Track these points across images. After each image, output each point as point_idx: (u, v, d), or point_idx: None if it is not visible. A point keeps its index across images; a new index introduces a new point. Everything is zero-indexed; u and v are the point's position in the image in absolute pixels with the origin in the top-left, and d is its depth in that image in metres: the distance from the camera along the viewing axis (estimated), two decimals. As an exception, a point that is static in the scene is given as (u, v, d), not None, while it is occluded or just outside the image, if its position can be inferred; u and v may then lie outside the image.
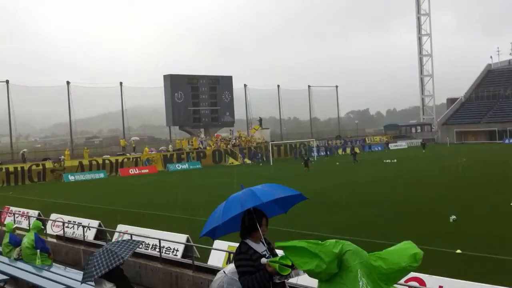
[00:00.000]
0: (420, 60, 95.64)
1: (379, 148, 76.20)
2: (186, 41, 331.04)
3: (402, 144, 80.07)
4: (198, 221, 21.11)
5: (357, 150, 57.98)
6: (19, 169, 47.34)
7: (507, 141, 74.92)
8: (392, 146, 78.39)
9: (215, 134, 66.69)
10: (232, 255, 12.68)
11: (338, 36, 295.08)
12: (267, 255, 5.06)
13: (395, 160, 50.00)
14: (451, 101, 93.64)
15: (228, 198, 5.26)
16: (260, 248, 5.10)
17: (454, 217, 18.27)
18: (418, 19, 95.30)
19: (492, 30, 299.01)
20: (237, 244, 5.32)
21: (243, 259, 5.02)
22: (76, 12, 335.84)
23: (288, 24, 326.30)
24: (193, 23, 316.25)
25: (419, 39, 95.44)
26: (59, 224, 18.73)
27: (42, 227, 15.18)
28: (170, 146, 61.74)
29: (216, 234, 5.43)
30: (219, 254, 13.19)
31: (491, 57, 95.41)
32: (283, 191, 5.37)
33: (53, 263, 12.52)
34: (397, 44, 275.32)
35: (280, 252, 4.89)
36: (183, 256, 13.98)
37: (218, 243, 13.58)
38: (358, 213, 21.43)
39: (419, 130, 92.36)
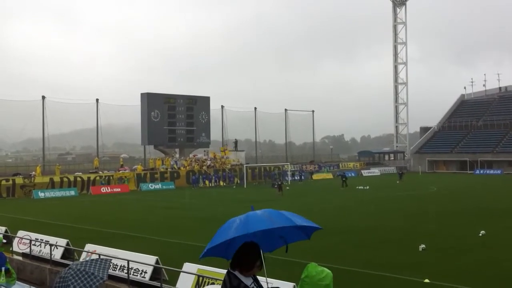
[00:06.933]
0: (395, 88, 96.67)
1: (353, 174, 76.59)
2: (160, 63, 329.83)
3: (375, 171, 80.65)
4: (168, 243, 20.96)
5: (330, 175, 58.10)
6: (-13, 184, 46.47)
7: (477, 171, 75.87)
8: (365, 172, 78.85)
9: (192, 154, 66.40)
10: (201, 278, 12.56)
11: (311, 63, 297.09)
12: None
13: (368, 187, 50.32)
14: (424, 129, 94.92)
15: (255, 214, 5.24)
16: (248, 281, 5.04)
17: (424, 246, 18.38)
18: (395, 47, 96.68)
19: (466, 60, 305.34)
20: (207, 268, 5.30)
21: None
22: (48, 28, 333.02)
23: (261, 50, 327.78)
24: (167, 46, 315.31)
25: (395, 67, 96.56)
26: (26, 242, 18.38)
27: (4, 240, 14.85)
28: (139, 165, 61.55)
29: (229, 255, 5.24)
30: (188, 277, 13.04)
31: (464, 87, 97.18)
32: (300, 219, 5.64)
33: (17, 282, 12.23)
34: (373, 71, 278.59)
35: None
36: (151, 278, 13.82)
37: (187, 266, 13.46)
38: (324, 240, 21.36)
39: (392, 158, 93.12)
